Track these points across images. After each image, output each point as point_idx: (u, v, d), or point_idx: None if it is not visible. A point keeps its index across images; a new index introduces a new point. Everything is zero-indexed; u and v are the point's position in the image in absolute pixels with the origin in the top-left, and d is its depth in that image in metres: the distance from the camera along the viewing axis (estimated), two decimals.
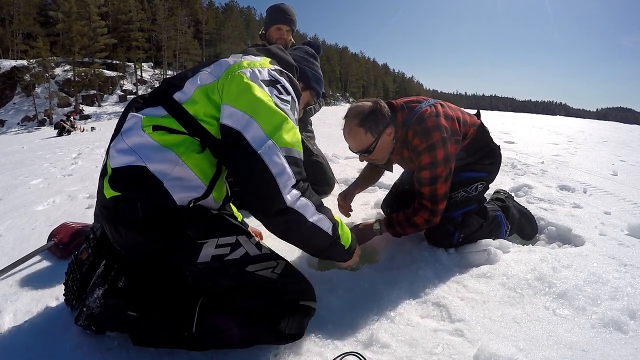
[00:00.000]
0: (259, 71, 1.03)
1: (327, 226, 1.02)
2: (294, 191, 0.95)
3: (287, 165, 0.94)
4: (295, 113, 1.07)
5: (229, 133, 0.94)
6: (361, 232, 1.65)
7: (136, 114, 1.01)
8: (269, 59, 1.15)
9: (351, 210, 1.88)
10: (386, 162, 1.78)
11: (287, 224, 0.96)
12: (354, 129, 1.50)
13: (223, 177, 1.09)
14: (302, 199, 0.96)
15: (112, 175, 0.96)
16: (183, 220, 0.95)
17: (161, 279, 1.01)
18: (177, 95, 1.00)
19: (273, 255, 1.04)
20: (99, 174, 1.03)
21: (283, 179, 0.93)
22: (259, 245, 1.03)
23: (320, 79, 1.39)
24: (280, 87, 1.04)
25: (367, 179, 1.97)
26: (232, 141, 0.93)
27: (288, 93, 1.05)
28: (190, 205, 0.97)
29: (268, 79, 1.03)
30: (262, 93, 0.98)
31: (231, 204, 1.44)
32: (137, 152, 0.94)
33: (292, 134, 0.99)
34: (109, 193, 0.95)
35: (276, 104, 0.99)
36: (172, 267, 0.99)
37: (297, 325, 0.98)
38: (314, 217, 0.98)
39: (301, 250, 1.64)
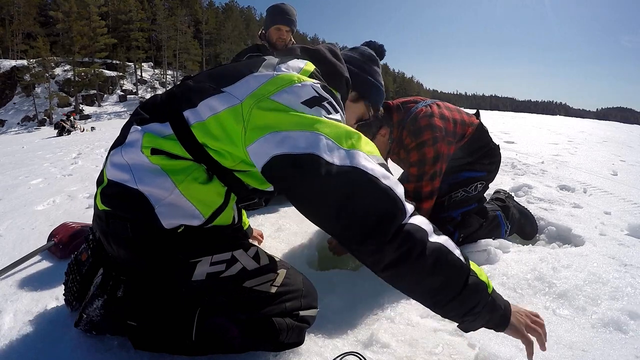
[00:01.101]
0: (299, 89, 0.82)
1: (456, 250, 0.76)
2: (410, 203, 0.75)
3: (389, 172, 0.76)
4: None
5: (292, 162, 0.74)
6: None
7: (139, 128, 0.91)
8: (313, 70, 0.95)
9: None
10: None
11: (405, 246, 0.70)
12: None
13: (232, 205, 0.99)
14: (417, 214, 0.75)
15: (105, 187, 0.93)
16: (173, 242, 0.91)
17: (160, 288, 1.00)
18: (187, 114, 0.86)
19: (272, 267, 0.99)
20: (97, 179, 1.01)
21: (394, 185, 0.74)
22: (257, 257, 0.97)
23: (381, 89, 1.16)
24: (327, 105, 0.84)
25: None
26: (302, 171, 0.74)
27: (337, 110, 0.86)
28: (179, 231, 0.90)
29: (311, 97, 0.82)
30: (311, 112, 0.80)
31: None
32: (132, 172, 0.88)
33: (369, 142, 0.81)
34: (101, 206, 0.94)
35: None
36: (166, 284, 0.96)
37: (296, 335, 0.96)
38: (435, 236, 0.74)
39: (299, 250, 1.64)
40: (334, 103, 0.86)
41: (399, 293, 1.25)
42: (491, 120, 9.91)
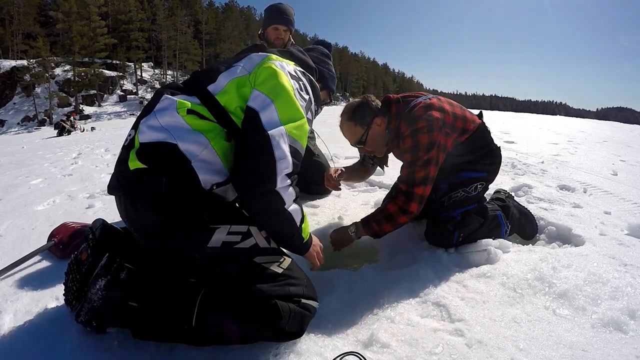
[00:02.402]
0: (287, 66, 1.13)
1: (298, 218, 1.07)
2: (287, 179, 1.01)
3: (289, 154, 1.00)
4: (309, 113, 1.16)
5: (249, 112, 1.01)
6: (337, 236, 1.62)
7: (171, 96, 1.05)
8: (293, 62, 1.22)
9: (340, 186, 1.84)
10: (382, 157, 1.80)
11: (268, 205, 1.00)
12: (345, 123, 1.61)
13: None
14: (289, 187, 1.02)
15: (140, 149, 0.98)
16: (201, 202, 0.99)
17: (163, 271, 1.02)
18: (211, 87, 1.05)
19: (281, 250, 1.07)
20: (123, 147, 1.06)
21: (282, 164, 0.99)
22: (268, 239, 1.06)
23: (335, 78, 1.50)
24: (301, 85, 1.13)
25: (355, 172, 1.94)
26: (249, 118, 1.00)
27: (307, 92, 1.15)
28: (213, 189, 1.01)
29: (293, 73, 1.13)
30: (288, 82, 1.07)
31: None
32: (169, 131, 0.98)
33: (302, 129, 1.06)
34: (134, 165, 0.97)
35: (296, 97, 1.08)
36: (179, 251, 1.01)
37: (297, 324, 0.98)
38: (292, 206, 1.04)
39: None
40: (307, 86, 1.17)
41: (398, 293, 1.26)
42: (491, 120, 9.88)
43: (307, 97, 1.14)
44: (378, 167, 1.96)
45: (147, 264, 1.05)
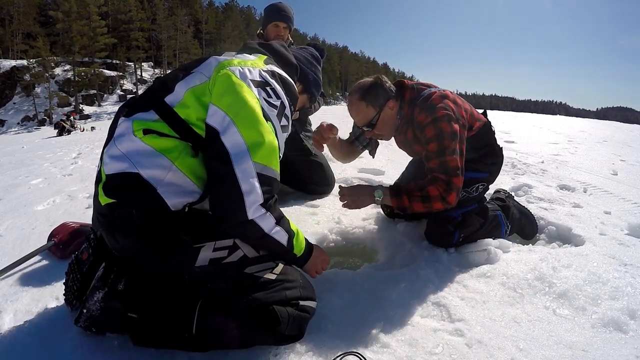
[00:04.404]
0: (249, 70, 1.02)
1: (283, 239, 1.02)
2: (260, 208, 0.95)
3: (257, 185, 0.93)
4: (284, 119, 1.06)
5: (210, 131, 0.93)
6: (356, 195, 1.50)
7: (126, 119, 0.98)
8: (265, 57, 1.14)
9: (326, 142, 1.71)
10: (374, 145, 1.78)
11: (244, 233, 0.98)
12: (356, 102, 1.53)
13: None
14: (265, 214, 0.96)
15: (106, 182, 0.95)
16: (178, 225, 0.94)
17: (161, 281, 1.01)
18: (169, 99, 0.97)
19: (271, 257, 1.04)
20: (94, 180, 1.02)
21: (251, 198, 0.92)
22: (257, 247, 1.02)
23: (320, 84, 1.38)
24: (269, 90, 1.02)
25: (341, 147, 1.83)
26: (211, 139, 0.93)
27: (278, 97, 1.04)
28: (185, 210, 0.95)
29: (258, 79, 1.02)
30: (249, 94, 0.96)
31: None
32: (129, 159, 0.93)
33: (270, 150, 0.97)
34: (104, 200, 0.95)
35: (263, 109, 0.98)
36: (170, 271, 0.98)
37: (297, 327, 0.98)
38: (272, 230, 0.99)
39: None
40: (277, 89, 1.05)
41: (398, 293, 1.26)
42: (491, 120, 9.88)
43: (277, 102, 1.03)
44: (362, 153, 1.90)
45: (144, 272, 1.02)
